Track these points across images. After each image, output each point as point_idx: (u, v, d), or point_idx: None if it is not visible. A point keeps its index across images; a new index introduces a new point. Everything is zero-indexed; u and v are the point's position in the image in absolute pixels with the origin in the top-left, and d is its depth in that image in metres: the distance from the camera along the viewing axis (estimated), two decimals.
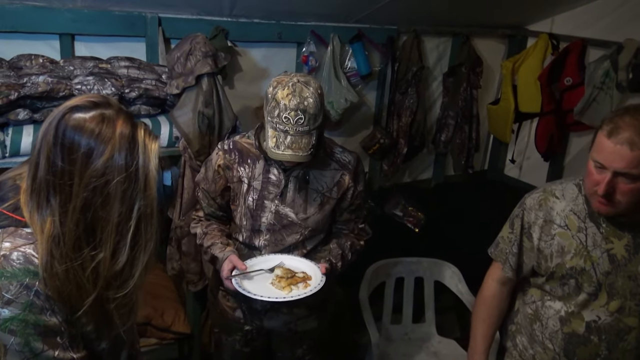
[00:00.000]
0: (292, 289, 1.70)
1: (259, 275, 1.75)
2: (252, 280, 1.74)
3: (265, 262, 1.79)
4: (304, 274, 1.75)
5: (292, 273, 1.74)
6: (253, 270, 1.76)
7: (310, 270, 1.76)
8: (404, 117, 3.35)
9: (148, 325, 2.36)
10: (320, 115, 1.63)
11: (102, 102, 1.09)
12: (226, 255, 1.75)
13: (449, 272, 2.65)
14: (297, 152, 1.61)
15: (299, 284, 1.71)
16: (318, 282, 1.70)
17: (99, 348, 1.20)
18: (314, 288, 1.68)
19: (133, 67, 2.21)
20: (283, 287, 1.70)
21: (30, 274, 1.04)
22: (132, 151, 1.06)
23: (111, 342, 1.21)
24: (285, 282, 1.70)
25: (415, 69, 3.26)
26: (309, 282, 1.72)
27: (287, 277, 1.72)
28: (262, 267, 1.77)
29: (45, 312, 1.06)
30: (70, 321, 1.10)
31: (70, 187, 1.03)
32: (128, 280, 1.11)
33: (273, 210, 1.79)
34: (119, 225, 1.06)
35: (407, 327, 2.65)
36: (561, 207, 1.60)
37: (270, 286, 1.72)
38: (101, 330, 1.17)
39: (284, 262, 1.79)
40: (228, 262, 1.73)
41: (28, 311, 1.04)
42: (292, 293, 1.68)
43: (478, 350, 1.77)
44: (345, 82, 3.01)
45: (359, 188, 1.86)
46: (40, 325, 1.06)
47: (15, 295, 1.03)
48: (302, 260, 1.80)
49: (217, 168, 1.82)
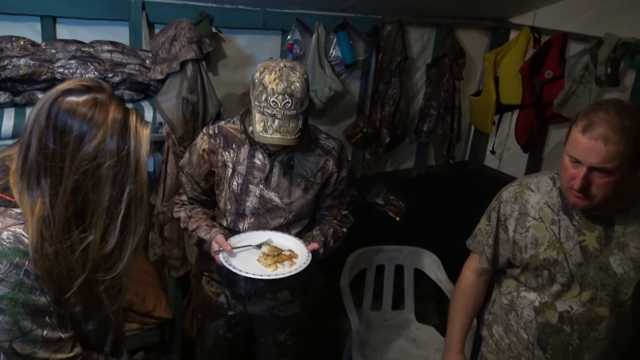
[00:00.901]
0: (278, 266, 1.71)
1: (246, 251, 1.76)
2: (238, 257, 1.74)
3: (254, 238, 1.80)
4: (290, 252, 1.76)
5: (278, 251, 1.75)
6: (240, 246, 1.76)
7: (297, 248, 1.78)
8: (387, 106, 3.36)
9: (129, 310, 2.36)
10: (306, 100, 1.65)
11: (95, 86, 1.10)
12: (213, 236, 1.77)
13: (428, 260, 2.69)
14: (285, 136, 1.62)
15: (284, 262, 1.73)
16: (304, 260, 1.72)
17: (86, 329, 1.21)
18: (299, 267, 1.70)
19: (116, 52, 2.19)
20: (269, 265, 1.71)
21: (20, 254, 1.05)
22: (124, 136, 1.08)
23: (98, 323, 1.22)
24: (272, 260, 1.72)
25: (399, 59, 3.26)
26: (295, 260, 1.73)
27: (273, 254, 1.73)
28: (250, 243, 1.78)
29: (35, 292, 1.07)
30: (59, 301, 1.11)
31: (61, 170, 1.04)
32: (117, 263, 1.13)
33: (257, 195, 1.81)
34: (109, 209, 1.08)
35: (387, 313, 2.69)
36: (536, 199, 1.63)
37: (257, 263, 1.73)
38: (89, 311, 1.18)
39: (272, 239, 1.80)
40: (214, 243, 1.75)
41: (17, 290, 1.05)
42: (277, 271, 1.70)
43: (454, 339, 1.82)
44: (329, 71, 3.01)
45: (342, 174, 1.88)
46: (29, 305, 1.07)
47: (5, 274, 1.04)
48: (289, 238, 1.81)
49: (202, 152, 1.83)
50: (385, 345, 2.53)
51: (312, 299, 2.07)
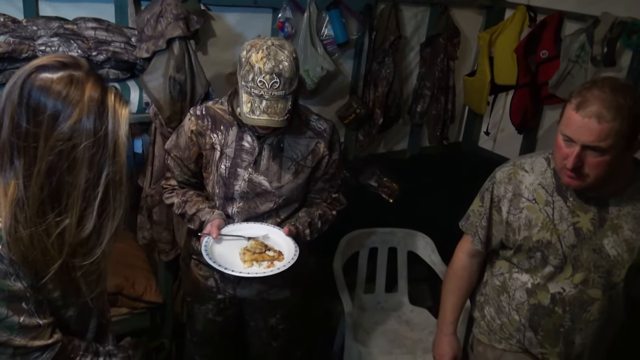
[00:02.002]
0: (254, 265, 1.66)
1: (237, 241, 1.72)
2: (222, 245, 1.71)
3: (250, 230, 1.75)
4: (276, 253, 1.71)
5: (262, 249, 1.70)
6: (232, 235, 1.72)
7: (288, 252, 1.72)
8: (381, 87, 3.32)
9: (119, 294, 2.33)
10: (295, 80, 1.59)
11: (71, 62, 1.05)
12: (212, 218, 1.73)
13: (422, 243, 2.67)
14: (273, 117, 1.57)
15: (263, 262, 1.68)
16: (281, 265, 1.66)
17: (67, 315, 1.18)
18: (269, 271, 1.64)
19: (101, 29, 2.12)
20: (245, 261, 1.67)
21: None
22: (101, 116, 1.03)
23: (79, 309, 1.19)
24: (250, 257, 1.67)
25: (393, 38, 3.21)
26: (275, 263, 1.68)
27: (254, 251, 1.69)
28: (244, 234, 1.74)
29: (9, 277, 1.03)
30: (36, 287, 1.07)
31: (35, 150, 0.99)
32: (95, 248, 1.09)
33: (246, 179, 1.76)
34: (86, 192, 1.03)
35: (380, 296, 2.67)
36: (530, 180, 1.61)
37: (237, 256, 1.69)
38: (68, 297, 1.14)
39: (269, 236, 1.75)
40: (209, 225, 1.71)
41: None
42: (248, 269, 1.65)
43: (447, 320, 1.80)
44: (321, 50, 2.96)
45: (333, 157, 1.84)
46: (4, 290, 1.03)
47: None
48: (287, 240, 1.74)
49: (190, 134, 1.78)
50: (378, 328, 2.52)
51: (304, 283, 2.04)
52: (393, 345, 2.43)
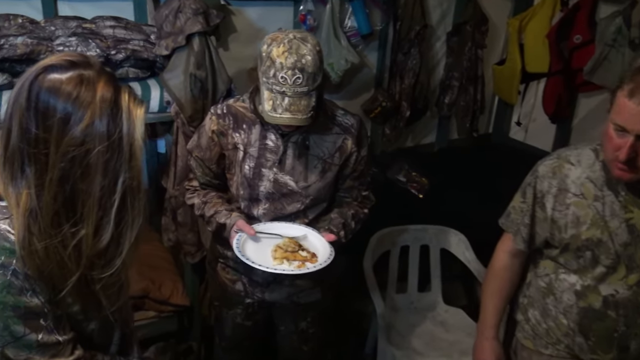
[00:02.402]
0: (284, 263, 1.60)
1: (272, 240, 1.66)
2: (255, 243, 1.64)
3: (291, 230, 1.69)
4: (309, 255, 1.63)
5: (294, 248, 1.63)
6: (269, 233, 1.66)
7: (322, 256, 1.64)
8: (407, 78, 3.23)
9: (146, 298, 2.30)
10: (319, 75, 1.51)
11: (80, 61, 0.98)
12: (233, 221, 1.66)
13: (455, 240, 2.56)
14: (296, 115, 1.49)
15: (295, 261, 1.61)
16: (312, 267, 1.59)
17: (88, 329, 1.11)
18: (298, 270, 1.58)
19: (119, 27, 2.07)
20: (275, 258, 1.60)
21: (6, 252, 0.95)
22: (115, 117, 0.96)
23: (101, 322, 1.12)
24: (281, 254, 1.61)
25: (418, 27, 3.12)
26: (307, 264, 1.60)
27: (287, 249, 1.62)
28: (280, 233, 1.67)
29: (26, 293, 0.97)
30: (54, 302, 1.01)
31: (46, 157, 0.93)
32: (114, 259, 1.02)
33: (271, 179, 1.69)
34: (102, 200, 0.96)
35: (413, 296, 2.58)
36: (576, 174, 1.50)
37: (268, 253, 1.62)
38: (89, 310, 1.08)
39: (308, 237, 1.68)
40: (235, 229, 1.64)
41: (6, 292, 0.95)
42: (276, 266, 1.58)
43: (488, 324, 1.70)
44: (345, 42, 2.89)
45: (362, 153, 1.75)
46: (20, 307, 0.97)
47: None
48: (325, 245, 1.66)
49: (212, 134, 1.71)
50: (412, 330, 2.43)
51: (335, 285, 1.97)
52: (428, 347, 2.34)
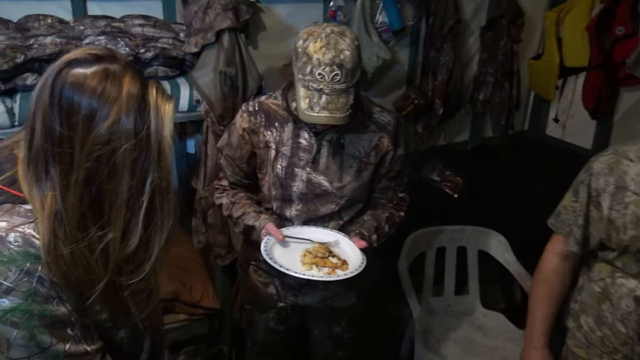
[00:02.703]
0: (313, 268, 1.53)
1: (300, 244, 1.59)
2: (284, 247, 1.58)
3: (321, 235, 1.63)
4: (340, 262, 1.56)
5: (325, 253, 1.57)
6: (299, 237, 1.60)
7: (353, 263, 1.57)
8: (440, 75, 3.15)
9: (176, 301, 2.26)
10: (358, 71, 1.44)
11: (106, 55, 0.92)
12: (262, 224, 1.61)
13: (494, 241, 2.46)
14: (334, 114, 1.42)
15: (324, 267, 1.54)
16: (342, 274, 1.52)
17: (117, 337, 1.06)
18: (327, 277, 1.51)
19: (148, 25, 2.04)
20: (303, 263, 1.54)
21: (31, 258, 0.89)
22: (142, 114, 0.90)
23: (131, 330, 1.07)
24: (310, 259, 1.54)
25: (451, 22, 3.04)
26: (337, 271, 1.53)
27: (316, 255, 1.55)
28: (311, 238, 1.61)
29: (52, 301, 0.91)
30: (82, 310, 0.96)
31: (71, 156, 0.87)
32: (143, 264, 0.96)
33: (304, 179, 1.62)
34: (129, 201, 0.91)
35: (450, 299, 2.49)
36: (636, 171, 1.39)
37: (297, 258, 1.56)
38: (118, 318, 1.03)
39: (339, 243, 1.62)
40: (264, 232, 1.59)
41: (31, 300, 0.90)
42: (305, 271, 1.52)
43: (537, 331, 1.59)
44: (376, 38, 2.82)
45: (398, 152, 1.68)
46: (46, 316, 0.91)
47: (15, 283, 0.88)
48: (357, 253, 1.59)
49: (242, 132, 1.65)
50: (449, 334, 2.34)
51: (370, 289, 1.89)
52: (467, 353, 2.25)
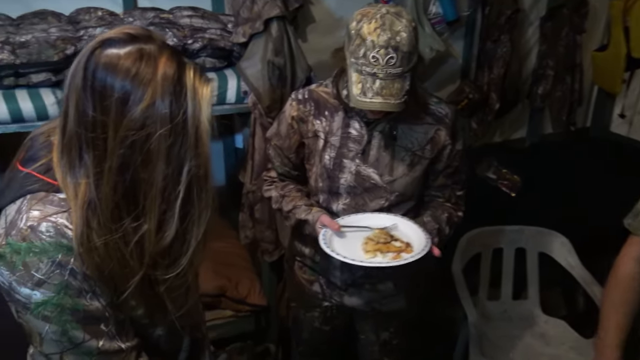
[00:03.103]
0: (377, 255, 1.43)
1: (358, 232, 1.50)
2: (342, 238, 1.50)
3: (377, 220, 1.54)
4: (403, 245, 1.47)
5: (387, 238, 1.47)
6: (355, 226, 1.52)
7: (418, 245, 1.47)
8: (496, 68, 3.01)
9: (223, 296, 2.23)
10: (414, 55, 1.34)
11: (141, 34, 0.86)
12: (315, 217, 1.53)
13: (557, 243, 2.31)
14: (388, 100, 1.33)
15: (389, 253, 1.44)
16: (409, 257, 1.41)
17: (155, 335, 1.01)
18: (394, 262, 1.40)
19: (196, 17, 2.02)
20: (367, 251, 1.44)
21: (63, 249, 0.85)
22: (179, 97, 0.84)
23: (169, 327, 1.02)
24: (372, 246, 1.44)
25: (509, 12, 2.89)
26: (403, 255, 1.43)
27: (378, 241, 1.45)
28: (368, 224, 1.52)
29: (85, 295, 0.87)
30: (116, 305, 0.91)
31: (104, 142, 0.82)
32: (179, 258, 0.91)
33: (353, 171, 1.54)
34: (165, 190, 0.85)
35: (507, 303, 2.36)
36: None
37: (358, 247, 1.47)
38: (154, 314, 0.98)
39: (398, 226, 1.52)
40: (319, 225, 1.51)
41: (63, 294, 0.86)
42: (371, 259, 1.42)
43: (610, 342, 1.45)
44: (429, 29, 2.71)
45: (457, 147, 1.57)
46: (79, 311, 0.88)
47: (47, 275, 0.85)
48: (420, 232, 1.50)
49: (291, 121, 1.59)
50: (506, 341, 2.20)
51: (422, 291, 1.79)
52: None
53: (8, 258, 0.84)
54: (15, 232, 0.84)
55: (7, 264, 0.84)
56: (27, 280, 0.84)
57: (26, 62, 1.72)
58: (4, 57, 1.72)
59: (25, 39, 1.78)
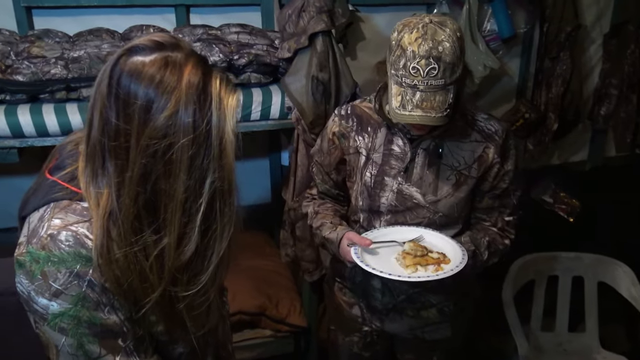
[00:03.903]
0: (419, 269, 1.36)
1: (388, 248, 1.44)
2: (373, 254, 1.43)
3: (400, 233, 1.47)
4: (440, 255, 1.40)
5: (423, 250, 1.40)
6: (381, 241, 1.45)
7: (453, 252, 1.40)
8: (555, 87, 2.89)
9: (262, 315, 2.20)
10: (459, 66, 1.27)
11: (168, 42, 0.85)
12: (340, 235, 1.47)
13: (618, 272, 2.16)
14: (429, 113, 1.27)
15: (429, 265, 1.36)
16: (456, 264, 1.34)
17: (175, 353, 0.98)
18: (445, 273, 1.32)
19: (244, 33, 2.03)
20: (407, 266, 1.36)
21: (82, 260, 0.84)
22: (203, 106, 0.82)
23: (190, 345, 0.98)
24: (412, 260, 1.37)
25: (570, 29, 2.78)
26: (443, 265, 1.35)
27: (416, 254, 1.38)
28: (394, 239, 1.46)
29: (102, 309, 0.86)
30: (135, 320, 0.89)
31: (126, 151, 0.81)
32: (199, 275, 0.88)
33: (395, 189, 1.48)
34: (186, 203, 0.83)
35: (562, 336, 2.22)
36: None
37: (395, 262, 1.40)
38: (175, 331, 0.95)
39: (423, 237, 1.46)
40: (346, 241, 1.45)
41: (80, 306, 0.84)
42: (418, 273, 1.34)
43: None
44: (483, 47, 2.63)
45: (506, 167, 1.48)
46: (96, 324, 0.86)
47: (65, 286, 0.83)
48: (447, 240, 1.44)
49: (332, 136, 1.55)
50: None
51: (468, 319, 1.69)
52: None
53: (27, 267, 0.83)
54: (36, 240, 0.84)
55: (26, 272, 0.84)
56: (45, 290, 0.83)
57: (77, 76, 1.78)
58: (57, 72, 1.78)
59: (78, 54, 1.84)
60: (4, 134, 1.80)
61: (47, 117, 1.79)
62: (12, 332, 1.39)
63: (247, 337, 2.20)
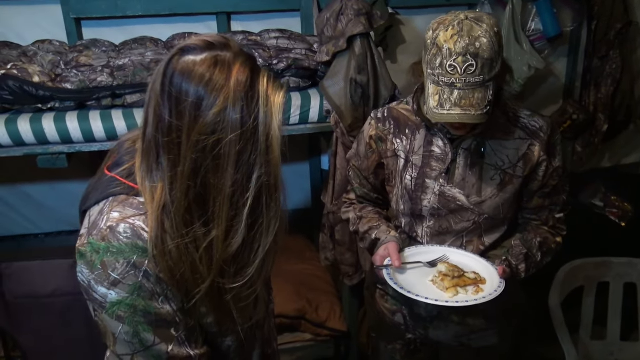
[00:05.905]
0: (459, 291, 1.34)
1: (418, 269, 1.42)
2: (406, 274, 1.41)
3: (425, 254, 1.46)
4: (475, 274, 1.38)
5: (460, 272, 1.38)
6: (408, 262, 1.43)
7: (484, 270, 1.38)
8: (604, 86, 2.79)
9: (302, 319, 2.21)
10: (497, 62, 1.24)
11: (218, 42, 0.89)
12: (387, 240, 1.45)
13: None
14: (468, 111, 1.24)
15: (468, 286, 1.34)
16: (495, 287, 1.32)
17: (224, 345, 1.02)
18: (490, 295, 1.30)
19: (283, 38, 2.06)
20: (447, 288, 1.34)
21: (139, 251, 0.88)
22: (250, 104, 0.86)
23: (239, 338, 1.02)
24: (450, 283, 1.35)
25: (619, 26, 2.68)
26: (481, 286, 1.34)
27: (453, 275, 1.36)
28: (420, 260, 1.44)
29: (157, 298, 0.90)
30: (186, 311, 0.93)
31: (178, 147, 0.85)
32: (246, 267, 0.91)
33: (437, 192, 1.45)
34: (233, 197, 0.86)
35: (614, 345, 2.12)
36: None
37: (431, 284, 1.38)
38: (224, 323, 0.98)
39: (447, 256, 1.44)
40: (384, 248, 1.43)
41: (137, 295, 0.89)
42: (458, 297, 1.32)
43: None
44: (528, 47, 2.57)
45: (554, 164, 1.43)
46: (150, 313, 0.90)
47: (122, 276, 0.88)
48: (472, 257, 1.42)
49: (369, 140, 1.53)
50: None
51: (515, 326, 1.63)
52: None
53: (88, 257, 0.88)
54: (96, 232, 0.88)
55: (87, 262, 0.88)
56: (104, 279, 0.88)
57: (122, 83, 1.84)
58: (103, 80, 1.84)
59: (123, 62, 1.90)
60: (53, 140, 1.88)
61: (93, 124, 1.86)
62: (58, 331, 1.45)
63: (287, 340, 2.20)
